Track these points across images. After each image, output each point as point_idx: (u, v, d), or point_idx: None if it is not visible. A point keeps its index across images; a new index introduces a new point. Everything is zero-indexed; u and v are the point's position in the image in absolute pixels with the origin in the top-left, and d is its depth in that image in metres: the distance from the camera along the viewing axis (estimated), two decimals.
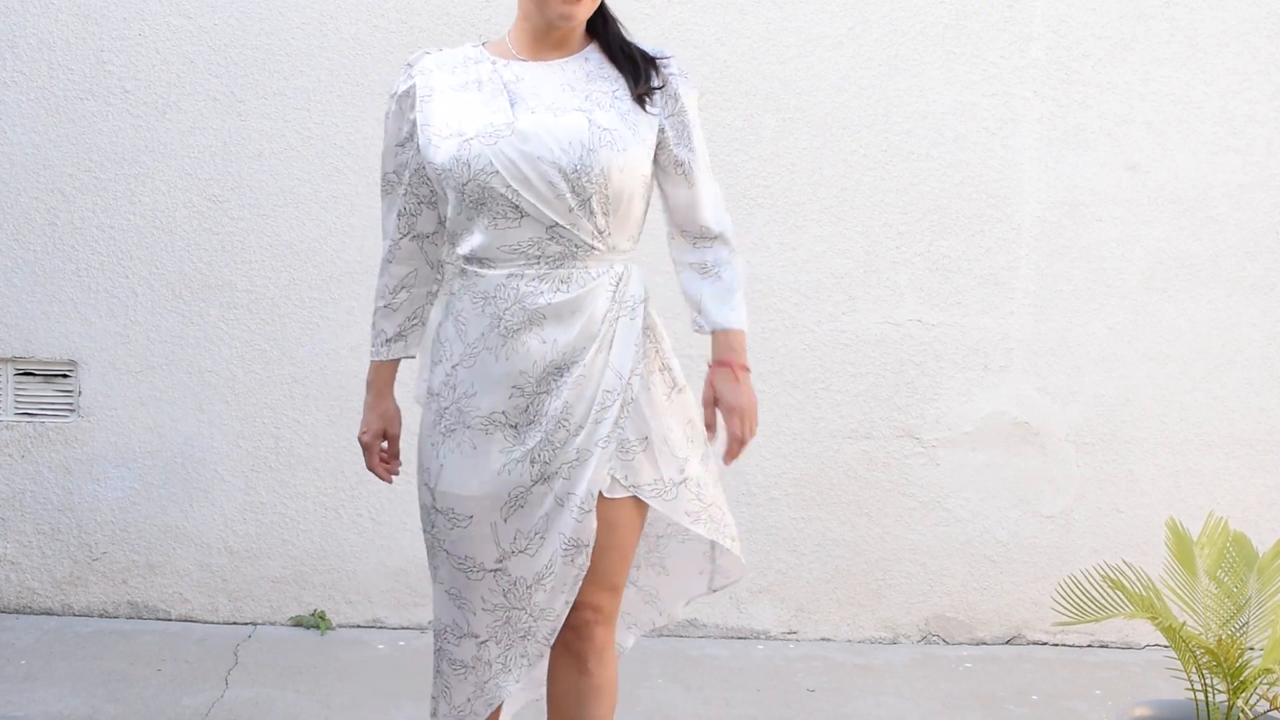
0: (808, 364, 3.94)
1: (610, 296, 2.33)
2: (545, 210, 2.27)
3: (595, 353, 2.31)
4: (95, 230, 3.90)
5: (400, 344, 2.52)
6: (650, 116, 2.35)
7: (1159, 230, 3.93)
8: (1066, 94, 3.89)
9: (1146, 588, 2.78)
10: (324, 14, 3.85)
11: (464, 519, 2.35)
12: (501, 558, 2.35)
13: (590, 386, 2.31)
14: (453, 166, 2.29)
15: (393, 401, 2.56)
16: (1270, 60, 3.89)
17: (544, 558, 2.33)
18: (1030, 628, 3.99)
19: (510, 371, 2.31)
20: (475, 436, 2.34)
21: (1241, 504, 3.95)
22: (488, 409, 2.32)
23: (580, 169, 2.26)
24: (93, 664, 3.63)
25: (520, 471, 2.32)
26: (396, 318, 2.51)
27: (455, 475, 2.35)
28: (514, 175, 2.26)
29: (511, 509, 2.33)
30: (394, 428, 2.56)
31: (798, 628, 4.00)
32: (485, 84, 2.36)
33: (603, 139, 2.27)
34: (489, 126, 2.29)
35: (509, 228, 2.29)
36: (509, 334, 2.30)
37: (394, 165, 2.45)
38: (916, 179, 3.90)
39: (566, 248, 2.30)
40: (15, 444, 3.95)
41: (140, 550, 3.97)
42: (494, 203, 2.28)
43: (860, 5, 3.87)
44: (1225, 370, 3.96)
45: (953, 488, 3.97)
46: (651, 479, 2.35)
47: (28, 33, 3.86)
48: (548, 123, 2.28)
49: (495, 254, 2.31)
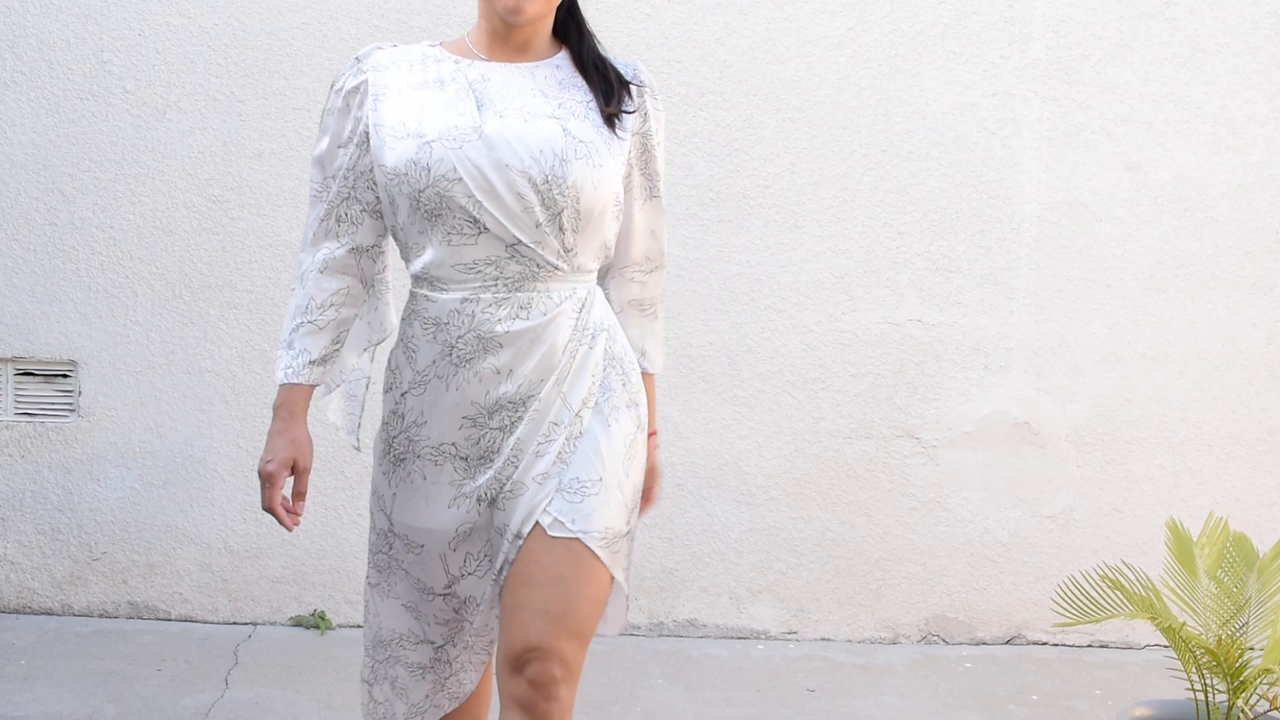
0: (808, 364, 3.94)
1: (573, 325, 2.14)
2: (509, 225, 2.08)
3: (553, 386, 2.13)
4: (95, 230, 3.90)
5: (322, 369, 2.23)
6: (620, 138, 2.18)
7: (1159, 230, 3.93)
8: (1066, 94, 3.89)
9: (1146, 588, 2.78)
10: (324, 14, 3.85)
11: (416, 547, 2.23)
12: (450, 583, 2.23)
13: (540, 421, 2.14)
14: (409, 171, 2.09)
15: (305, 428, 2.24)
16: (1270, 60, 3.89)
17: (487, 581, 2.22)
18: (1030, 628, 3.99)
19: (460, 402, 2.14)
20: (425, 467, 2.19)
21: (1241, 504, 3.95)
22: (436, 439, 2.17)
23: (552, 180, 2.07)
24: (92, 664, 3.63)
25: (468, 507, 2.17)
26: (322, 339, 2.22)
27: (406, 506, 2.22)
28: (479, 185, 2.07)
29: (460, 540, 2.20)
30: (305, 459, 2.24)
31: (798, 628, 4.00)
32: (449, 83, 2.15)
33: (578, 150, 2.10)
34: (453, 129, 2.08)
35: (465, 244, 2.09)
36: (461, 363, 2.13)
37: (337, 167, 2.20)
38: (916, 179, 3.90)
39: (527, 268, 2.11)
40: (15, 444, 3.95)
41: (140, 550, 3.97)
42: (451, 215, 2.08)
43: (860, 5, 3.87)
44: (1225, 370, 3.96)
45: (953, 488, 3.98)
46: (603, 525, 2.13)
47: (28, 33, 3.86)
48: (517, 129, 2.09)
49: (448, 273, 2.11)
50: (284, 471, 2.21)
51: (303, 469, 2.23)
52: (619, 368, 2.20)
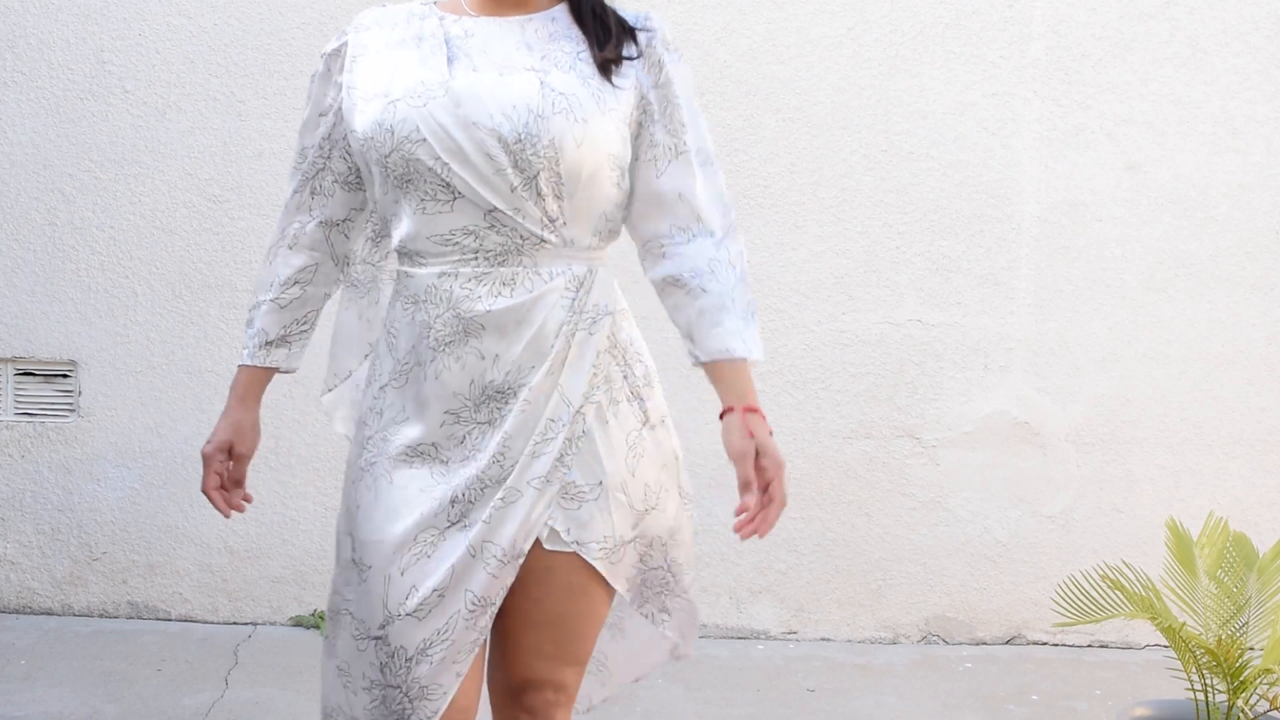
0: (808, 364, 3.94)
1: (568, 305, 1.91)
2: (481, 190, 1.86)
3: (545, 375, 1.90)
4: (95, 230, 3.90)
5: (282, 351, 2.10)
6: (618, 89, 1.93)
7: (1159, 230, 3.93)
8: (1066, 94, 3.89)
9: (1146, 588, 2.78)
10: (324, 14, 3.85)
11: (364, 568, 1.94)
12: (385, 622, 1.91)
13: (534, 414, 1.90)
14: (374, 134, 1.90)
15: (253, 415, 2.11)
16: (1270, 60, 3.89)
17: (435, 623, 1.90)
18: (1030, 628, 3.99)
19: (442, 393, 1.91)
20: (395, 469, 1.94)
21: (1241, 504, 3.95)
22: (415, 437, 1.93)
23: (525, 139, 1.85)
24: (92, 664, 3.63)
25: (435, 510, 1.91)
26: (283, 317, 2.09)
27: (370, 517, 1.95)
28: (444, 145, 1.86)
29: (413, 559, 1.91)
30: (244, 444, 2.10)
31: (798, 628, 4.00)
32: (425, 40, 1.95)
33: (556, 104, 1.86)
34: (419, 86, 1.89)
35: (440, 212, 1.89)
36: (440, 346, 1.91)
37: (312, 138, 2.07)
38: (916, 179, 3.90)
39: (510, 239, 1.89)
40: (15, 444, 3.95)
41: (140, 550, 3.97)
42: (421, 179, 1.88)
43: (860, 5, 3.87)
44: (1225, 370, 3.96)
45: (953, 488, 3.98)
46: (601, 534, 1.93)
47: (28, 33, 3.86)
48: (489, 83, 1.88)
49: (425, 246, 1.92)
50: (219, 455, 2.08)
51: (239, 454, 2.10)
52: (620, 356, 1.97)
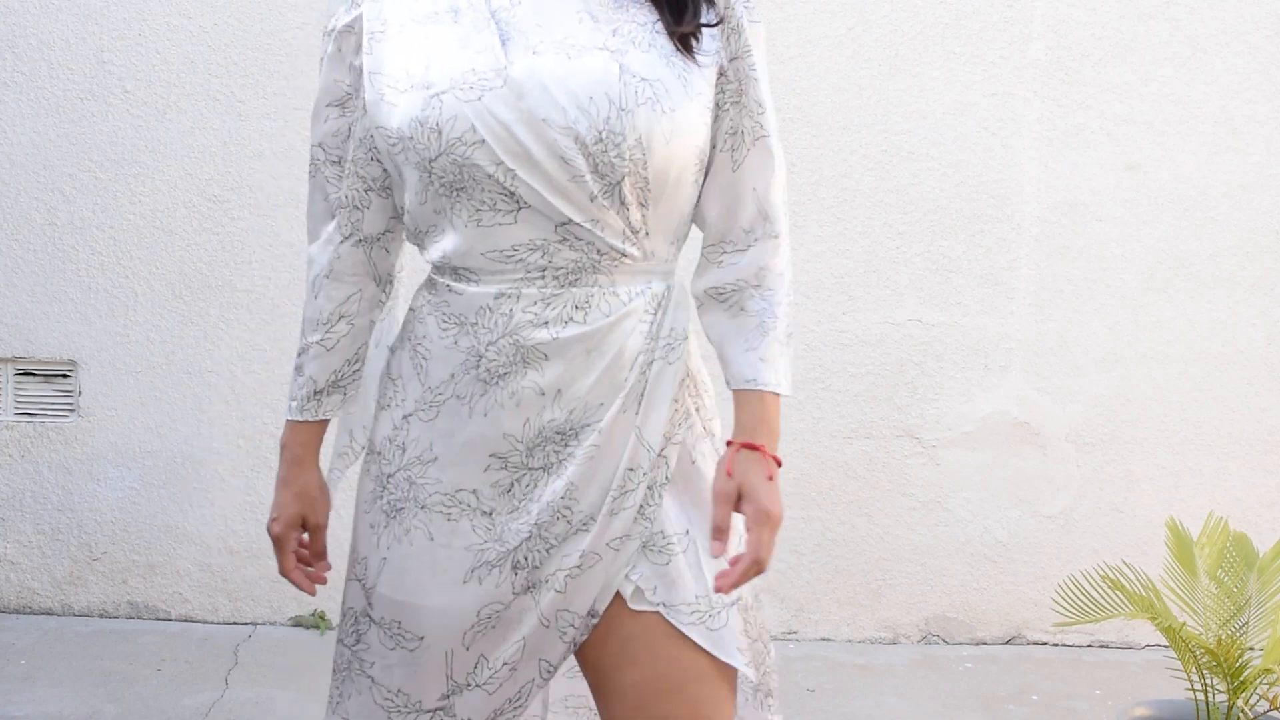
0: (808, 364, 3.94)
1: (646, 331, 1.61)
2: (554, 200, 1.55)
3: (619, 413, 1.59)
4: (95, 230, 3.90)
5: (336, 397, 1.76)
6: (701, 67, 1.60)
7: (1159, 230, 3.93)
8: (1066, 94, 3.89)
9: (1146, 588, 2.78)
10: (324, 14, 3.84)
11: (411, 639, 1.65)
12: (449, 693, 1.65)
13: (608, 462, 1.59)
14: (415, 134, 1.56)
15: (317, 475, 1.80)
16: (1270, 60, 3.89)
17: (507, 692, 1.65)
18: (1030, 628, 3.99)
19: (489, 435, 1.60)
20: (434, 523, 1.63)
21: (1241, 504, 3.95)
22: (452, 484, 1.62)
23: (607, 138, 1.53)
24: (92, 664, 3.63)
25: (497, 580, 1.61)
26: (332, 360, 1.75)
27: (403, 577, 1.65)
28: (507, 148, 1.54)
29: (479, 633, 1.63)
30: (318, 514, 1.81)
31: (798, 628, 4.00)
32: (464, 12, 1.60)
33: (641, 93, 1.54)
34: (469, 75, 1.55)
35: (500, 224, 1.56)
36: (492, 379, 1.59)
37: (326, 133, 1.71)
38: (916, 179, 3.90)
39: (585, 255, 1.57)
40: (15, 444, 3.95)
41: (140, 550, 3.97)
42: (478, 187, 1.55)
43: (860, 5, 3.87)
44: (1225, 370, 3.96)
45: (953, 488, 3.97)
46: (693, 594, 1.63)
47: (28, 33, 3.86)
48: (556, 68, 1.54)
49: (478, 262, 1.59)
50: (292, 532, 1.80)
51: (315, 525, 1.80)
52: (693, 386, 1.68)
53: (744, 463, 1.63)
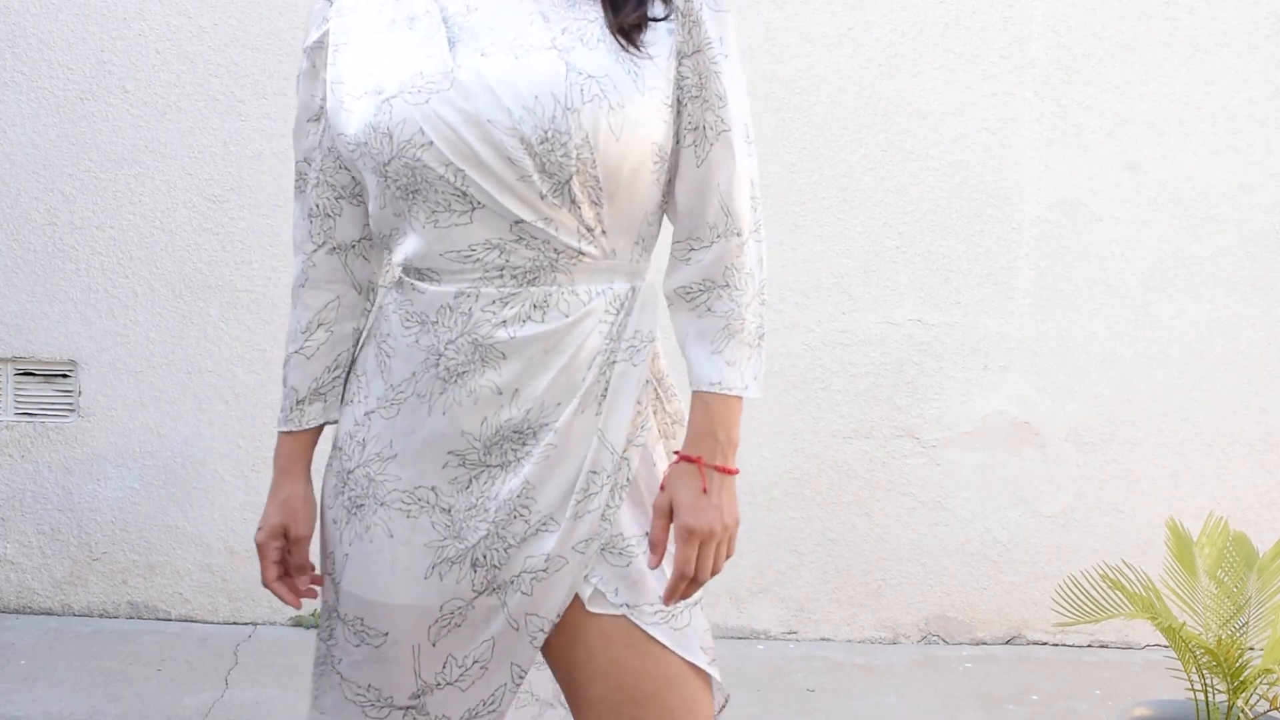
0: (808, 364, 3.94)
1: (606, 331, 1.61)
2: (503, 200, 1.56)
3: (575, 413, 1.60)
4: (95, 230, 3.90)
5: (319, 406, 1.75)
6: (655, 59, 1.59)
7: (1159, 230, 3.93)
8: (1066, 94, 3.89)
9: (1146, 588, 2.78)
10: None
11: (375, 635, 1.66)
12: (420, 692, 1.66)
13: (568, 463, 1.61)
14: (369, 139, 1.59)
15: (303, 486, 1.77)
16: (1270, 60, 3.89)
17: (480, 693, 1.65)
18: (1030, 628, 3.99)
19: (448, 432, 1.62)
20: (393, 520, 1.64)
21: (1241, 504, 3.95)
22: (411, 481, 1.64)
23: (553, 137, 1.54)
24: (92, 664, 3.63)
25: (457, 577, 1.62)
26: (311, 368, 1.75)
27: (365, 574, 1.66)
28: (455, 149, 1.55)
29: (444, 629, 1.64)
30: (300, 525, 1.77)
31: (798, 628, 4.00)
32: (419, 19, 1.62)
33: (587, 90, 1.54)
34: (418, 78, 1.57)
35: (456, 224, 1.59)
36: (451, 378, 1.61)
37: (309, 148, 1.74)
38: (916, 179, 3.90)
39: (542, 254, 1.59)
40: (15, 444, 3.95)
41: (140, 550, 3.97)
42: (431, 190, 1.58)
43: (860, 5, 3.87)
44: (1225, 370, 3.96)
45: (953, 488, 3.98)
46: (655, 595, 1.62)
47: (28, 33, 3.86)
48: (504, 70, 1.55)
49: (439, 263, 1.61)
50: (273, 541, 1.77)
51: (296, 537, 1.77)
52: (654, 390, 1.70)
53: (675, 476, 1.62)
